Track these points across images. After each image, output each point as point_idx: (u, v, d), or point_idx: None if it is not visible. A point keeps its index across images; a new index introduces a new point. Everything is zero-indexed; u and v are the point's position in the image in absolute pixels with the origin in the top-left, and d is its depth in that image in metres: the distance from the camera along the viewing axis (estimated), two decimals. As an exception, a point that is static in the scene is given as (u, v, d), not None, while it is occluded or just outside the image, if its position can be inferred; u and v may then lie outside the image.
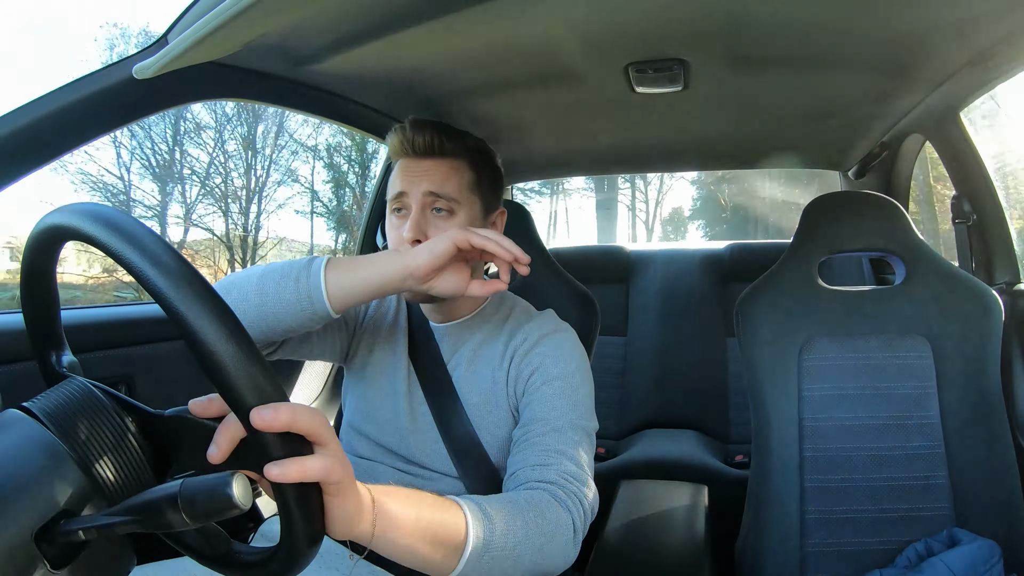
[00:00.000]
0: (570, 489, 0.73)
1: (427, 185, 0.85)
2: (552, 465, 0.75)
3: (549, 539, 0.67)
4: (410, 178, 0.86)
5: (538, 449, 0.77)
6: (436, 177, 0.86)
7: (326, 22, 0.83)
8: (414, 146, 0.86)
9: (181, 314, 0.39)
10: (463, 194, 0.87)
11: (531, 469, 0.75)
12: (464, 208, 0.87)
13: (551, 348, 0.87)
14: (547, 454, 0.76)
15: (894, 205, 1.11)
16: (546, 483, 0.73)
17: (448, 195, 0.86)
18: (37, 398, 0.48)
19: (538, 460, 0.76)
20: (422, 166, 0.86)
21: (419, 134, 0.86)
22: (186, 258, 0.42)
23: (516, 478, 0.76)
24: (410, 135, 0.86)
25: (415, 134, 0.86)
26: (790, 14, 0.85)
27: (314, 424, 0.44)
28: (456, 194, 0.86)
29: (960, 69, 1.02)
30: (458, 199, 0.86)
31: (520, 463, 0.77)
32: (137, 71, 0.75)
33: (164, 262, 0.40)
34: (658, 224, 18.70)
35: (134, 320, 1.08)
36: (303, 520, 0.44)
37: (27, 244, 0.49)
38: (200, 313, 0.40)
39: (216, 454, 0.45)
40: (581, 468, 0.76)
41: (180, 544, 0.49)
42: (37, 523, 0.41)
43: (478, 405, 0.88)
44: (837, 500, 1.02)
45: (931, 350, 1.05)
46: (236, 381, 0.40)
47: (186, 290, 0.40)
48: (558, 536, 0.68)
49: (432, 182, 0.85)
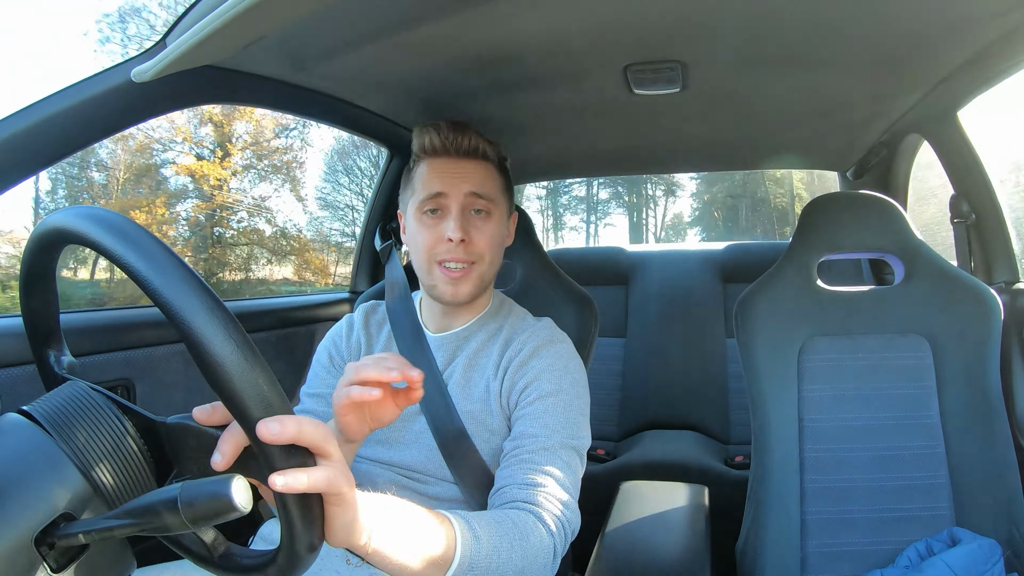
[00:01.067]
0: (554, 513, 0.74)
1: (469, 186, 0.87)
2: (539, 486, 0.76)
3: (531, 561, 0.69)
4: (450, 179, 0.87)
5: (527, 467, 0.78)
6: (477, 179, 0.88)
7: (325, 25, 0.83)
8: (457, 147, 0.88)
9: (187, 324, 0.39)
10: (498, 196, 0.91)
11: (518, 488, 0.76)
12: (499, 209, 0.91)
13: (546, 362, 0.87)
14: (535, 473, 0.77)
15: (892, 205, 1.11)
16: (532, 505, 0.74)
17: (489, 196, 0.89)
18: (36, 402, 0.48)
19: (526, 480, 0.76)
20: (463, 167, 0.88)
21: (462, 135, 0.88)
22: (189, 265, 0.42)
23: (503, 495, 0.76)
24: (452, 136, 0.88)
25: (457, 135, 0.88)
26: (788, 15, 0.85)
27: (318, 437, 0.44)
28: (494, 195, 0.90)
29: (958, 69, 1.02)
30: (495, 200, 0.90)
31: (508, 479, 0.77)
32: (136, 74, 0.75)
33: (168, 269, 0.40)
34: (662, 231, 19.43)
35: (134, 323, 1.07)
36: (303, 528, 0.44)
37: (27, 246, 0.49)
38: (206, 323, 0.39)
39: (220, 462, 0.45)
40: (567, 490, 0.78)
41: (179, 547, 0.49)
42: (37, 527, 0.41)
43: (472, 413, 0.88)
44: (837, 500, 1.02)
45: (930, 350, 1.05)
46: (242, 393, 0.40)
47: (191, 300, 0.40)
48: (539, 559, 0.70)
49: (474, 183, 0.88)
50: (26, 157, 0.74)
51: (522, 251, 1.18)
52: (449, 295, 0.89)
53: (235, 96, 0.96)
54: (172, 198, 10.46)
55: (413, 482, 0.88)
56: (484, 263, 0.89)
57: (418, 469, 0.88)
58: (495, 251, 0.91)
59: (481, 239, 0.89)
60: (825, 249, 1.11)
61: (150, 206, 10.05)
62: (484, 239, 0.89)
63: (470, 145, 0.88)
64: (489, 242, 0.89)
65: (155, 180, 10.46)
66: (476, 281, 0.89)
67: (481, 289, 0.91)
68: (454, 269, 0.88)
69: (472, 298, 0.90)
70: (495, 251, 0.91)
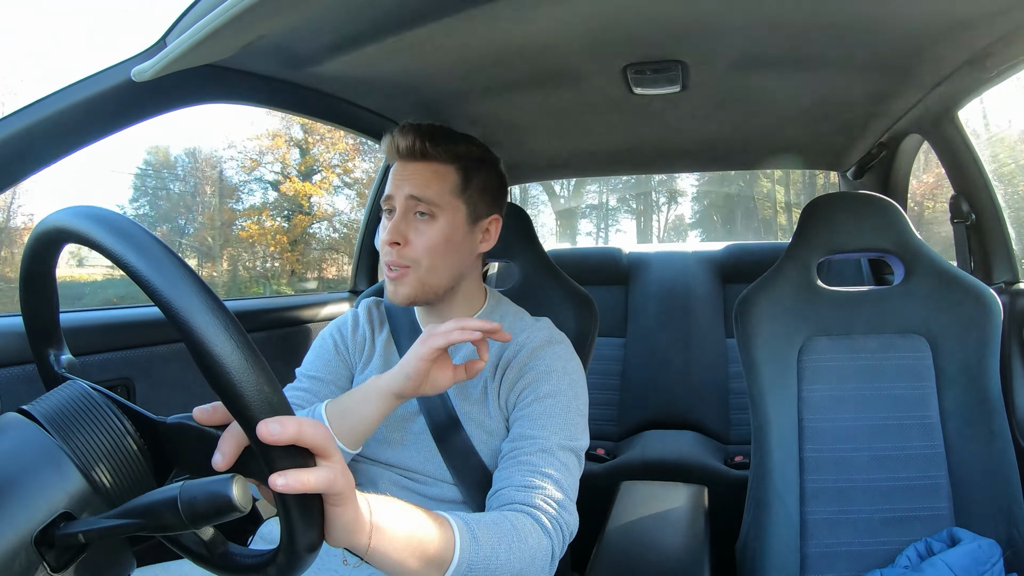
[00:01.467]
0: (552, 515, 0.74)
1: (409, 188, 0.86)
2: (538, 488, 0.76)
3: (528, 563, 0.69)
4: (396, 181, 0.88)
5: (525, 469, 0.77)
6: (418, 181, 0.86)
7: (325, 25, 0.83)
8: (399, 150, 0.87)
9: (187, 323, 0.39)
10: (445, 199, 0.87)
11: (516, 490, 0.76)
12: (446, 213, 0.87)
13: (544, 363, 0.86)
14: (533, 475, 0.77)
15: (892, 205, 1.11)
16: (530, 507, 0.74)
17: (429, 199, 0.86)
18: (36, 401, 0.48)
19: (524, 482, 0.76)
20: (407, 169, 0.87)
21: (404, 138, 0.86)
22: (190, 266, 0.41)
23: (501, 496, 0.76)
24: (396, 139, 0.87)
25: (400, 138, 0.87)
26: (788, 15, 0.85)
27: (318, 437, 0.44)
28: (438, 198, 0.86)
29: (958, 69, 1.02)
30: (439, 203, 0.86)
31: (506, 481, 0.77)
32: (135, 73, 0.75)
33: (169, 271, 0.40)
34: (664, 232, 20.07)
35: (133, 323, 1.07)
36: (303, 528, 0.44)
37: (27, 246, 0.49)
38: (206, 323, 0.39)
39: (221, 462, 0.45)
40: (565, 493, 0.78)
41: (179, 547, 0.49)
42: (37, 526, 0.41)
43: (470, 413, 0.88)
44: (837, 500, 1.02)
45: (930, 350, 1.05)
46: (243, 393, 0.40)
47: (192, 301, 0.40)
48: (536, 561, 0.70)
49: (414, 186, 0.86)
50: (26, 156, 0.74)
51: (522, 251, 1.18)
52: (392, 295, 0.88)
53: (235, 95, 0.96)
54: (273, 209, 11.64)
55: (413, 483, 0.88)
56: (422, 268, 0.86)
57: (417, 470, 0.88)
58: (436, 256, 0.87)
59: (419, 242, 0.86)
60: (825, 249, 1.11)
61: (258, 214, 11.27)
62: (422, 242, 0.86)
63: (408, 147, 0.87)
64: (427, 245, 0.86)
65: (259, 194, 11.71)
66: (415, 284, 0.87)
67: (426, 294, 0.88)
68: (393, 270, 0.87)
69: (413, 301, 0.89)
70: (436, 256, 0.87)
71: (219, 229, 10.83)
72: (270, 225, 11.20)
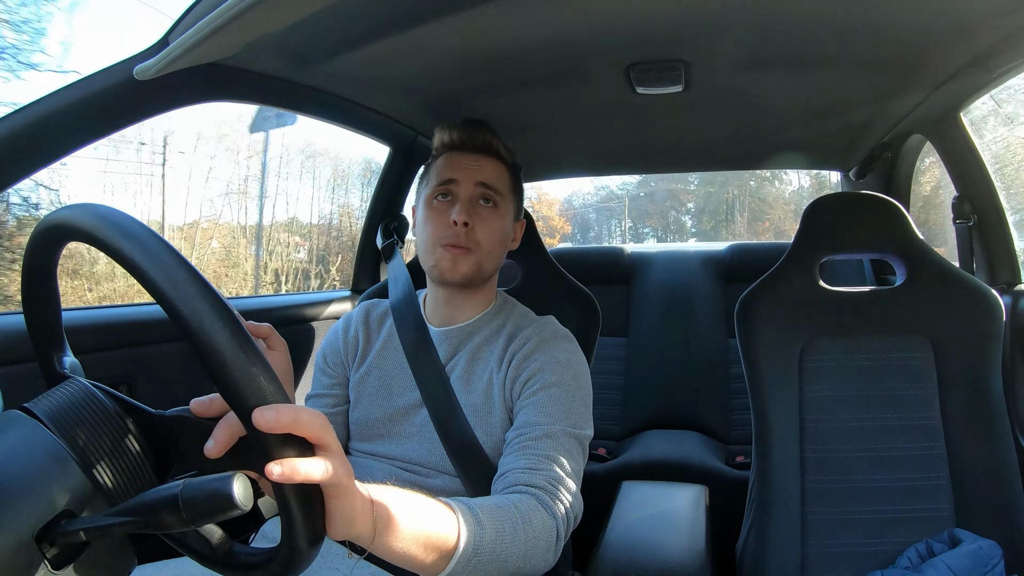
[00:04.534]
0: (557, 496, 0.74)
1: (480, 176, 0.91)
2: (542, 470, 0.76)
3: (534, 545, 0.68)
4: (463, 169, 0.91)
5: (530, 453, 0.78)
6: (489, 171, 0.92)
7: (328, 24, 0.83)
8: (473, 142, 0.93)
9: (183, 314, 0.39)
10: (507, 192, 0.94)
11: (521, 472, 0.76)
12: (505, 205, 0.94)
13: (550, 355, 0.87)
14: (538, 459, 0.77)
15: (895, 206, 1.11)
16: (535, 488, 0.74)
17: (497, 189, 0.92)
18: (38, 399, 0.48)
19: (529, 464, 0.76)
20: (476, 160, 0.92)
21: (479, 132, 0.93)
22: (186, 258, 0.42)
23: (505, 479, 0.76)
24: (469, 131, 0.93)
25: (474, 131, 0.93)
26: (791, 15, 0.85)
27: (315, 426, 0.44)
28: (503, 190, 0.93)
29: (961, 70, 1.02)
30: (503, 195, 0.93)
31: (511, 465, 0.78)
32: (138, 72, 0.75)
33: (165, 262, 0.40)
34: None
35: (135, 321, 1.07)
36: (304, 521, 0.43)
37: (29, 244, 0.49)
38: (202, 313, 0.39)
39: (213, 448, 0.45)
40: (570, 476, 0.78)
41: (180, 545, 0.49)
42: (38, 524, 0.41)
43: (476, 406, 0.88)
44: (838, 501, 1.02)
45: (932, 351, 1.05)
46: (238, 380, 0.40)
47: (187, 290, 0.40)
48: (542, 542, 0.70)
49: (485, 175, 0.92)
50: (28, 154, 0.74)
51: (524, 251, 1.18)
52: (448, 271, 0.89)
53: (238, 94, 0.96)
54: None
55: (414, 475, 0.88)
56: (482, 252, 0.90)
57: (419, 462, 0.88)
58: (496, 245, 0.93)
59: (484, 229, 0.90)
60: (827, 249, 1.11)
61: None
62: (487, 230, 0.91)
63: (485, 141, 0.93)
64: (491, 233, 0.91)
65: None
66: (474, 266, 0.90)
67: (479, 277, 0.92)
68: (455, 249, 0.89)
69: (468, 281, 0.91)
70: (496, 245, 0.93)
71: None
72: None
